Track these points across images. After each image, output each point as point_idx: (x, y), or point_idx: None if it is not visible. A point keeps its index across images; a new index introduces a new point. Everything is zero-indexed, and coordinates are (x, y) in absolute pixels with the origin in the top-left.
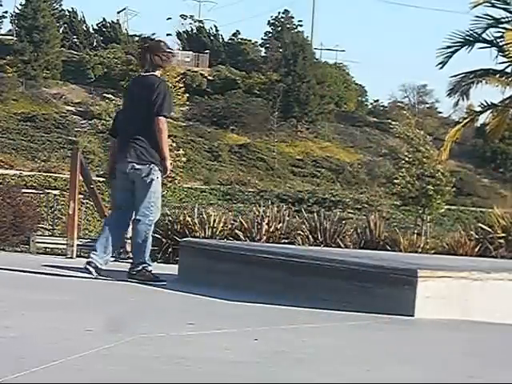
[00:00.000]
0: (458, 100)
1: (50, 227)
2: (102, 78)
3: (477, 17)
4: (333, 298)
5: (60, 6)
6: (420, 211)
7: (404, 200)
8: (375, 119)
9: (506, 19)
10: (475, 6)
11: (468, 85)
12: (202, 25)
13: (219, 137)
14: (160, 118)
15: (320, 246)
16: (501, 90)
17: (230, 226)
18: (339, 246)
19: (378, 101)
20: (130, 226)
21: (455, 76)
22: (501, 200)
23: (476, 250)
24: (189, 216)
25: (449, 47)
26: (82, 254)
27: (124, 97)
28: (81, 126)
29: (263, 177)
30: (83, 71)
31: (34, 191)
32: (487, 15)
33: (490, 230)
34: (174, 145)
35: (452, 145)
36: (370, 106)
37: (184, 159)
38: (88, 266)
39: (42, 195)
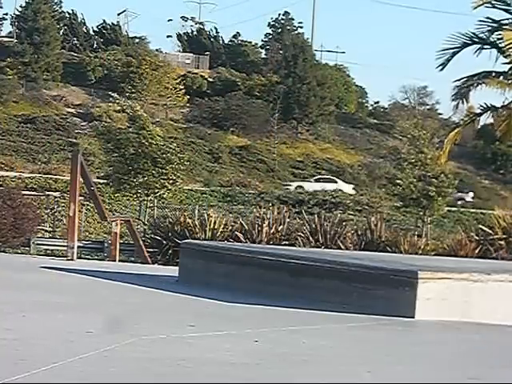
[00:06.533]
0: (458, 103)
1: (51, 229)
2: (102, 80)
3: (480, 21)
4: (333, 300)
5: (60, 8)
6: (421, 213)
7: (405, 201)
8: (375, 121)
9: (507, 21)
10: (477, 7)
11: (468, 88)
12: (202, 26)
13: (219, 138)
14: None
15: (320, 247)
16: (500, 92)
17: (230, 228)
18: (340, 248)
19: (378, 102)
20: None
21: (459, 80)
22: (501, 201)
23: (476, 251)
24: (189, 218)
25: (449, 49)
26: (82, 255)
27: None
28: (81, 127)
29: (263, 178)
30: (83, 73)
31: (34, 193)
32: (489, 18)
33: (490, 231)
34: (175, 145)
35: (451, 147)
36: (370, 108)
37: (187, 163)
38: None
39: (42, 197)
